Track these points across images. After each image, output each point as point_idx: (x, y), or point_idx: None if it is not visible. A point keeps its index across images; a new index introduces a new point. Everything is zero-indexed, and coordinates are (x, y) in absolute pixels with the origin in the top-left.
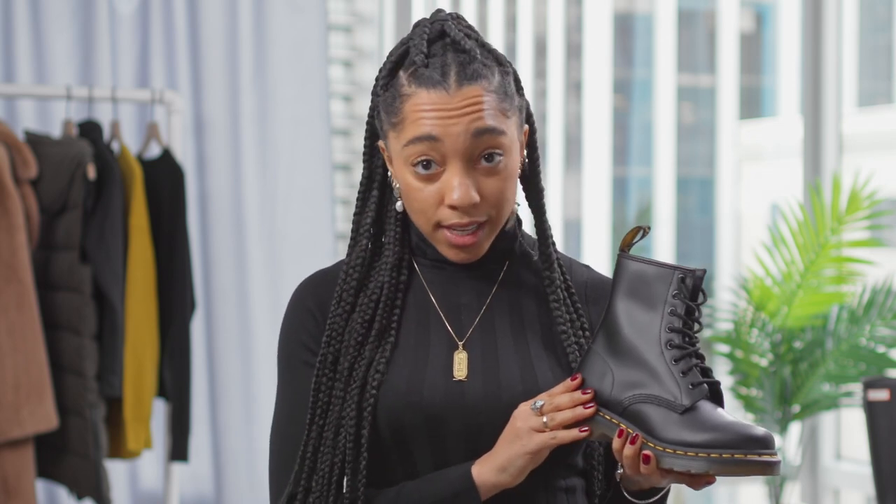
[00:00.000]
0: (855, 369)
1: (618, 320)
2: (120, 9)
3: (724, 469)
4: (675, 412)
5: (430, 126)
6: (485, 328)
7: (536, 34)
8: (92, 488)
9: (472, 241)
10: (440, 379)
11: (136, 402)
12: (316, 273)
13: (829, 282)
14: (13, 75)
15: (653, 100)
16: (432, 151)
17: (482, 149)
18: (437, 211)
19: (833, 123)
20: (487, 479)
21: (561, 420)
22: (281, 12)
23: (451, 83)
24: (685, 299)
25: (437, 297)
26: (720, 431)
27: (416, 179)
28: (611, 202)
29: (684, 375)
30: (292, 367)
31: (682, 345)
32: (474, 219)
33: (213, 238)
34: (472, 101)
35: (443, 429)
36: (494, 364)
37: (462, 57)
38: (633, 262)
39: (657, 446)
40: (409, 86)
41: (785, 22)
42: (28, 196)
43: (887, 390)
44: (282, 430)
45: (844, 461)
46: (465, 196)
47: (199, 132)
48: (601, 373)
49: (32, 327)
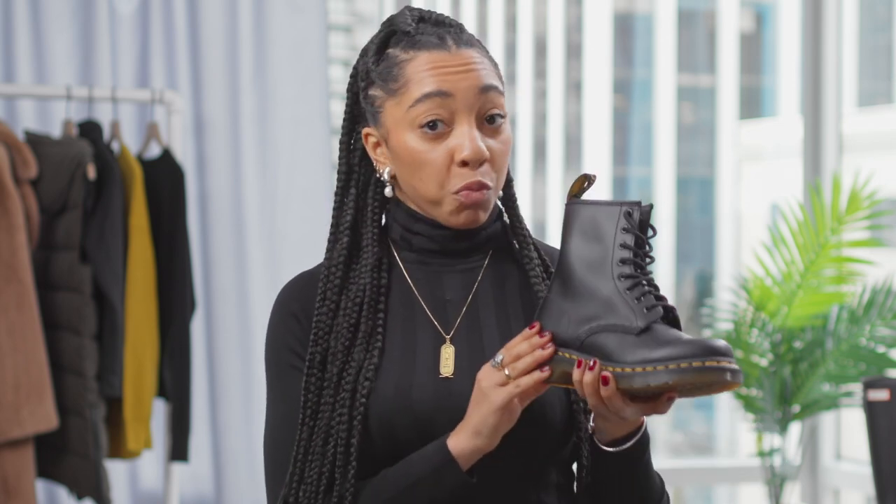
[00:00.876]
0: (855, 369)
1: (570, 263)
2: (120, 9)
3: (683, 379)
4: (631, 334)
5: (440, 81)
6: (471, 322)
7: (536, 34)
8: (92, 488)
9: (480, 198)
10: (428, 379)
11: (136, 402)
12: (299, 276)
13: (829, 282)
14: (13, 75)
15: (653, 100)
16: (441, 109)
17: (487, 108)
18: (447, 173)
19: (833, 123)
20: (465, 447)
21: (522, 367)
22: (281, 12)
23: (450, 45)
24: (634, 230)
25: (421, 294)
26: (677, 345)
27: (424, 141)
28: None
29: (638, 301)
30: (281, 373)
31: (634, 274)
32: (482, 180)
33: (213, 238)
34: (474, 60)
35: (433, 430)
36: (482, 361)
37: (452, 28)
38: (580, 206)
39: (616, 368)
40: (405, 53)
41: (785, 22)
42: (28, 196)
43: (887, 390)
44: (275, 436)
45: (844, 461)
46: (478, 150)
47: (199, 132)
48: (557, 315)
49: (32, 327)
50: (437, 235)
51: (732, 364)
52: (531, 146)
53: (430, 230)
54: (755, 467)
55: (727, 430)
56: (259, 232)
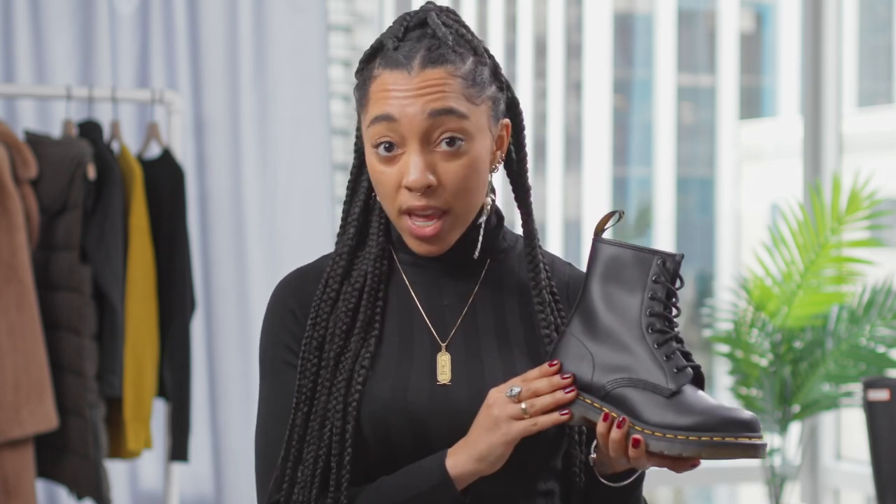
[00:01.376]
0: (855, 369)
1: (594, 303)
2: (120, 9)
3: (713, 452)
4: (662, 396)
5: (388, 106)
6: (467, 330)
7: (536, 34)
8: (92, 488)
9: (433, 232)
10: (424, 383)
11: (136, 402)
12: (296, 270)
13: (829, 282)
14: (13, 75)
15: (653, 100)
16: (391, 132)
17: (441, 131)
18: (397, 195)
19: (833, 123)
20: (464, 470)
21: (541, 406)
22: (281, 12)
23: (413, 65)
24: (666, 283)
25: (419, 299)
26: (708, 415)
27: (379, 162)
28: (611, 202)
29: (668, 360)
30: (275, 369)
31: (664, 329)
32: (431, 203)
33: (213, 238)
34: (432, 83)
35: (428, 434)
36: (479, 368)
37: (432, 42)
38: (609, 245)
39: (645, 430)
40: (377, 69)
41: (785, 22)
42: (28, 196)
43: (887, 390)
44: (267, 432)
45: (844, 461)
46: (419, 177)
47: (199, 132)
48: (579, 356)
49: (32, 327)
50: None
51: (760, 440)
52: (531, 146)
53: None
54: (755, 467)
55: None
56: (259, 232)
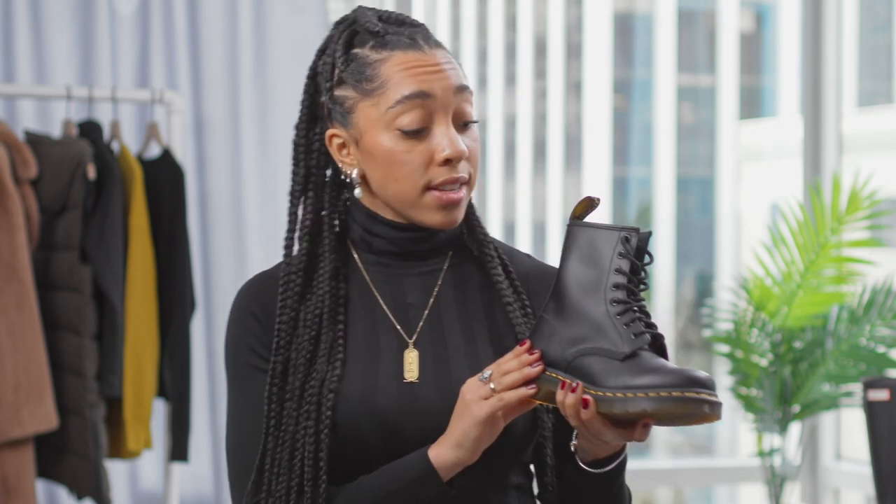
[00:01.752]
0: (855, 369)
1: (566, 284)
2: (120, 9)
3: (661, 407)
4: (616, 360)
5: (420, 82)
6: (433, 325)
7: (536, 34)
8: (92, 488)
9: (460, 198)
10: (393, 383)
11: (136, 402)
12: (256, 276)
13: (829, 282)
14: (13, 75)
15: (653, 100)
16: (421, 109)
17: (462, 110)
18: (426, 171)
19: (833, 123)
20: (446, 459)
21: (508, 382)
22: (281, 12)
23: (421, 44)
24: (629, 257)
25: (383, 297)
26: (659, 374)
27: (403, 140)
28: (611, 202)
29: (627, 327)
30: (242, 373)
31: (626, 299)
32: (461, 175)
33: (213, 238)
34: (447, 60)
35: (400, 434)
36: (445, 365)
37: (419, 28)
38: (580, 228)
39: (598, 391)
40: (378, 52)
41: (785, 22)
42: (28, 196)
43: (887, 390)
44: (239, 438)
45: (844, 461)
46: (459, 148)
47: (199, 132)
48: (548, 335)
49: (32, 327)
50: (398, 238)
51: (713, 396)
52: (531, 146)
53: (390, 232)
54: (755, 467)
55: (727, 430)
56: (259, 232)
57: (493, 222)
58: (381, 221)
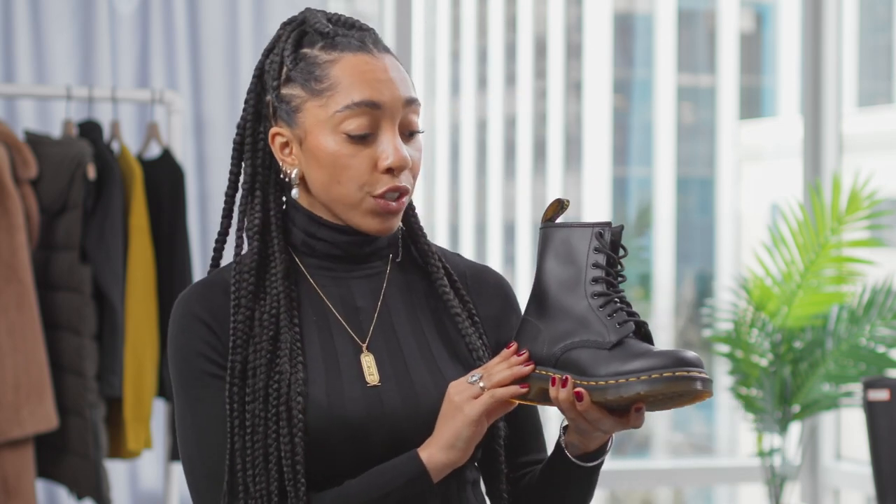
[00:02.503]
0: (855, 369)
1: (546, 284)
2: (120, 9)
3: (654, 388)
4: (604, 349)
5: (370, 90)
6: (384, 328)
7: (536, 34)
8: (92, 488)
9: (398, 208)
10: (356, 387)
11: (136, 402)
12: (196, 284)
13: (829, 282)
14: (13, 75)
15: (653, 100)
16: (369, 116)
17: (408, 120)
18: (369, 177)
19: (833, 123)
20: (438, 460)
21: (498, 379)
22: (281, 12)
23: (371, 48)
24: (605, 250)
25: (332, 302)
26: (648, 357)
27: (349, 145)
28: (611, 202)
29: (610, 317)
30: (198, 381)
31: (606, 292)
32: (402, 184)
33: (212, 238)
34: (396, 68)
35: (367, 437)
36: (403, 367)
37: (368, 32)
38: (553, 229)
39: (588, 381)
40: (328, 53)
41: (785, 22)
42: (28, 196)
43: (887, 390)
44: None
45: (844, 461)
46: (402, 157)
47: (199, 132)
48: (533, 336)
49: (32, 327)
50: (341, 241)
51: (703, 374)
52: (531, 146)
53: (333, 235)
54: (755, 467)
55: (727, 430)
56: None
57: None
58: (324, 224)
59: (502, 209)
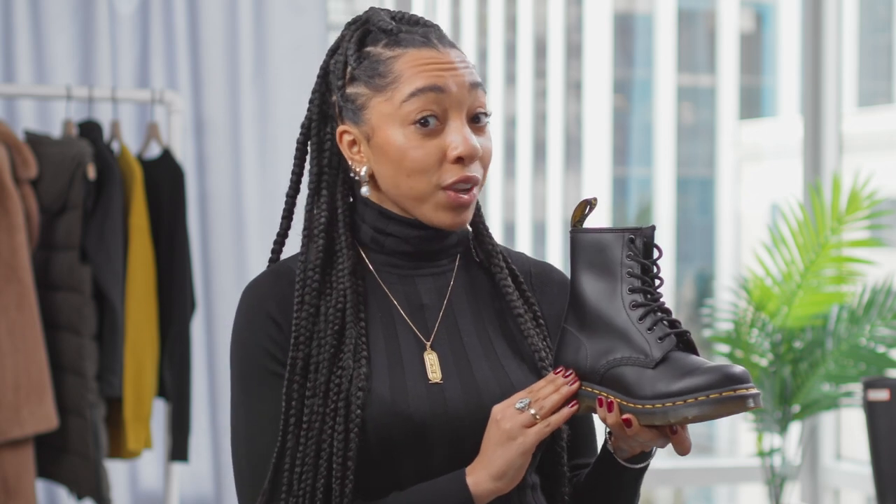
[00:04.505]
0: (855, 369)
1: (582, 294)
2: (120, 9)
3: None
4: (648, 368)
5: (433, 77)
6: (449, 327)
7: (536, 34)
8: (92, 488)
9: (470, 200)
10: (420, 384)
11: (136, 402)
12: (265, 274)
13: (829, 282)
14: (13, 75)
15: (653, 100)
16: (434, 105)
17: (475, 106)
18: (438, 169)
19: (833, 123)
20: (485, 489)
21: (550, 406)
22: (281, 12)
23: (435, 42)
24: (638, 258)
25: (397, 298)
26: (696, 376)
27: (416, 136)
28: (611, 202)
29: (650, 331)
30: (257, 377)
31: (645, 302)
32: (473, 174)
33: (213, 238)
34: (461, 59)
35: (428, 434)
36: (466, 365)
37: (432, 28)
38: (584, 234)
39: (635, 405)
40: (391, 50)
41: (785, 22)
42: (28, 196)
43: (887, 390)
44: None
45: (844, 461)
46: (472, 146)
47: (199, 132)
48: (575, 349)
49: (32, 327)
50: (412, 236)
51: (751, 389)
52: (531, 146)
53: (404, 230)
54: (755, 467)
55: (727, 430)
56: (259, 232)
57: (493, 222)
58: (394, 219)
59: (502, 209)
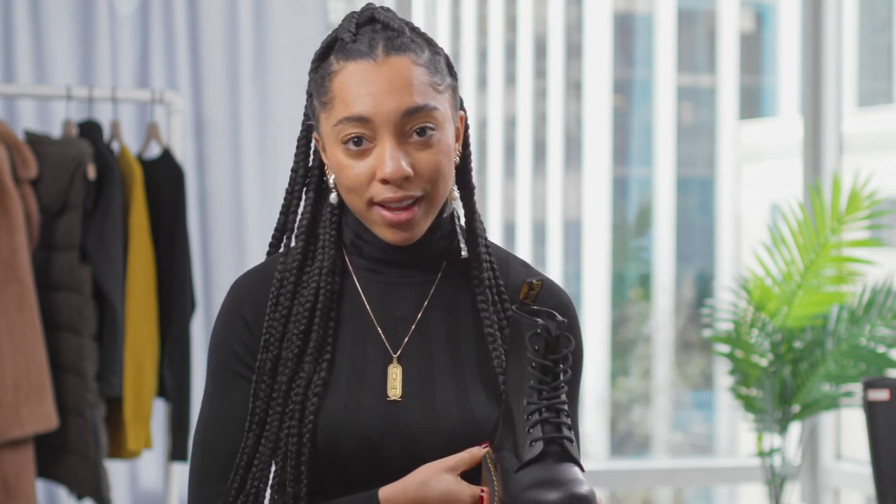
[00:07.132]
0: (855, 369)
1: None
2: (120, 9)
3: None
4: (512, 469)
5: (361, 106)
6: (420, 341)
7: (536, 34)
8: (92, 488)
9: (408, 217)
10: (376, 400)
11: (136, 402)
12: (251, 271)
13: (829, 282)
14: (13, 75)
15: (653, 100)
16: (363, 129)
17: (413, 125)
18: (369, 187)
19: (833, 123)
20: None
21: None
22: (281, 13)
23: (377, 53)
24: (538, 355)
25: (372, 306)
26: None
27: (347, 157)
28: (611, 202)
29: (528, 433)
30: (222, 376)
31: (534, 401)
32: (408, 193)
33: (213, 238)
34: (401, 74)
35: (381, 452)
36: (430, 385)
37: (390, 33)
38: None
39: (500, 500)
40: (337, 63)
41: (785, 22)
42: (28, 196)
43: (887, 390)
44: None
45: (844, 461)
46: (396, 169)
47: (199, 132)
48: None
49: (32, 327)
50: (386, 245)
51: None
52: (531, 146)
53: (378, 239)
54: (755, 467)
55: (727, 430)
56: (259, 232)
57: (493, 222)
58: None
59: (502, 209)
